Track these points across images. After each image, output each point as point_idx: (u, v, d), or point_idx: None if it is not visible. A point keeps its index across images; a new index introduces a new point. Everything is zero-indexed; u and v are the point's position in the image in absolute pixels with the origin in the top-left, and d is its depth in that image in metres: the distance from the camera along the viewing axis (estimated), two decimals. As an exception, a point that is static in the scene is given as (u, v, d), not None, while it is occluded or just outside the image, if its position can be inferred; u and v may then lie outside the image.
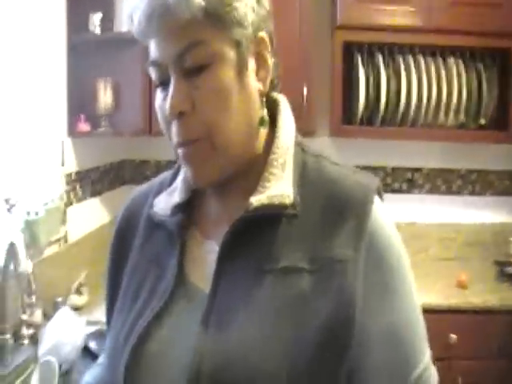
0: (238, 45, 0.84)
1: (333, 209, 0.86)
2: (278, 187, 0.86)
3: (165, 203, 0.96)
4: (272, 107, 0.94)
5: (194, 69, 0.82)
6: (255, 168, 0.90)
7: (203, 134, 0.83)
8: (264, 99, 0.90)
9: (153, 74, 0.87)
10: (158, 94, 0.87)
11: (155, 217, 0.96)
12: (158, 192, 1.01)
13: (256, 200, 0.85)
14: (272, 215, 0.86)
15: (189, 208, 0.96)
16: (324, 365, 0.79)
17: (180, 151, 0.86)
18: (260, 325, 0.80)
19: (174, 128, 0.85)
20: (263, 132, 0.92)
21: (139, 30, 0.83)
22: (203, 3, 0.79)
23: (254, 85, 0.88)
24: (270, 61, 0.89)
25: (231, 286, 0.84)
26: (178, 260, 0.90)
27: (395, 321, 0.85)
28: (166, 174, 1.06)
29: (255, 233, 0.86)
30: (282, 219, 0.86)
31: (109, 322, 1.02)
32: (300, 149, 0.93)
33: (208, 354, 0.80)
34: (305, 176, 0.89)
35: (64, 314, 2.13)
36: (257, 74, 0.88)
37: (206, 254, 0.90)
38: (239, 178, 0.91)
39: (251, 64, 0.87)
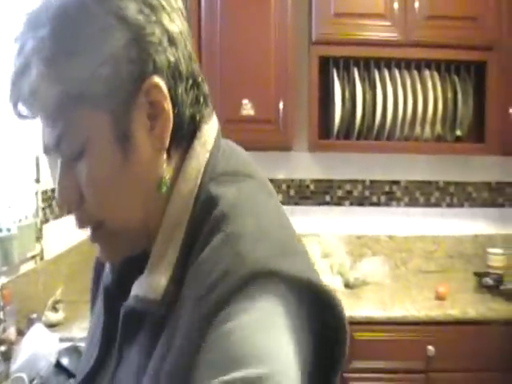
0: (112, 114, 0.72)
1: (192, 293, 0.69)
2: (155, 276, 0.74)
3: None
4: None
5: (73, 156, 0.73)
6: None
7: (97, 223, 0.76)
8: (165, 155, 0.76)
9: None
10: None
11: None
12: None
13: (134, 289, 0.76)
14: (142, 309, 0.75)
15: (135, 263, 0.83)
16: None
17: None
18: None
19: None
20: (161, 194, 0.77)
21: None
22: (57, 89, 0.70)
23: (147, 146, 0.74)
24: (168, 107, 0.74)
25: (123, 376, 0.78)
26: (101, 329, 0.85)
27: None
28: None
29: (141, 323, 0.76)
30: (152, 314, 0.74)
31: None
32: (206, 204, 0.74)
33: None
34: (193, 251, 0.72)
35: (38, 330, 2.12)
36: (152, 129, 0.74)
37: None
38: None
39: (140, 121, 0.74)
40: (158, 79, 0.72)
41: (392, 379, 2.73)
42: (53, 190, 2.71)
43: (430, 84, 3.07)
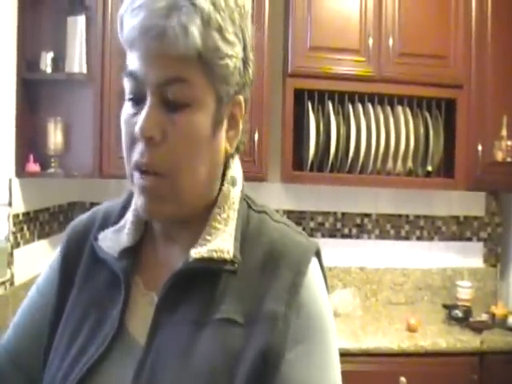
0: (219, 100, 0.84)
1: (270, 265, 0.85)
2: (219, 242, 0.86)
3: (112, 242, 0.93)
4: (226, 162, 0.95)
5: (173, 103, 0.80)
6: (200, 220, 0.89)
7: (167, 170, 0.81)
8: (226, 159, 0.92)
9: (127, 84, 0.82)
10: (127, 108, 0.84)
11: (99, 252, 0.93)
12: (103, 225, 0.98)
13: (196, 253, 0.84)
14: (211, 269, 0.85)
15: (135, 252, 0.93)
16: None
17: (137, 176, 0.83)
18: (194, 382, 0.78)
19: (140, 148, 0.81)
20: (217, 186, 0.91)
21: (127, 38, 0.80)
22: (199, 45, 0.77)
23: (223, 143, 0.88)
24: (241, 125, 0.90)
25: (167, 341, 0.82)
26: (120, 310, 0.87)
27: None
28: (111, 206, 1.02)
29: (194, 286, 0.85)
30: (221, 274, 0.85)
31: (45, 353, 0.94)
32: (245, 204, 0.93)
33: None
34: (247, 232, 0.89)
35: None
36: (227, 134, 0.88)
37: (147, 306, 0.88)
38: (184, 228, 0.90)
39: (225, 120, 0.87)
40: (241, 99, 0.89)
41: (365, 411, 2.73)
42: (25, 214, 2.65)
43: (402, 120, 3.14)
